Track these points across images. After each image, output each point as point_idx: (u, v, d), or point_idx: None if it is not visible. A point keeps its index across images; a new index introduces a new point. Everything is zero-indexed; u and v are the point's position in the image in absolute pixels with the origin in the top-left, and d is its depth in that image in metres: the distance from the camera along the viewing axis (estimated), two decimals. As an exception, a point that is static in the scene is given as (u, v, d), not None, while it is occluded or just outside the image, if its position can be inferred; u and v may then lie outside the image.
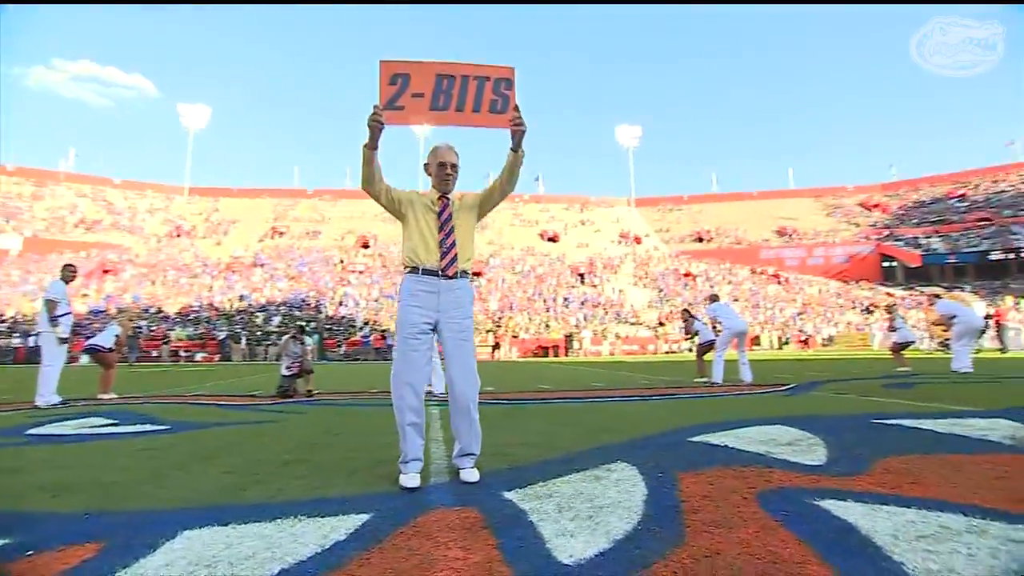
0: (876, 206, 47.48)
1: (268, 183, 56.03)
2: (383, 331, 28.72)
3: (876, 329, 23.11)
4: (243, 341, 25.15)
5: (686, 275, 39.35)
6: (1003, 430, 3.05)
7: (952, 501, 1.82)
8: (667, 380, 8.29)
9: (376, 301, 32.77)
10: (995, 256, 34.32)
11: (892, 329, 8.71)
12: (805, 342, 26.78)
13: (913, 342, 9.14)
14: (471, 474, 2.28)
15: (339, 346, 26.02)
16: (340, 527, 1.68)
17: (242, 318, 28.61)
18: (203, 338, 25.81)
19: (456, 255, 2.38)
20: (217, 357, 24.00)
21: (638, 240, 47.81)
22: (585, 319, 31.50)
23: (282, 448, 3.08)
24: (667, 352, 27.74)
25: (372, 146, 2.25)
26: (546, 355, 27.34)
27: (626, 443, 3.06)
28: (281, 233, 43.76)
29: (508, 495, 2.03)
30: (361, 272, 37.06)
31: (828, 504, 1.82)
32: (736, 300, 33.18)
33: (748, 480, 2.16)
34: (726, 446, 2.85)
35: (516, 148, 2.35)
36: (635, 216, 54.31)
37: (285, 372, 6.34)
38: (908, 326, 8.78)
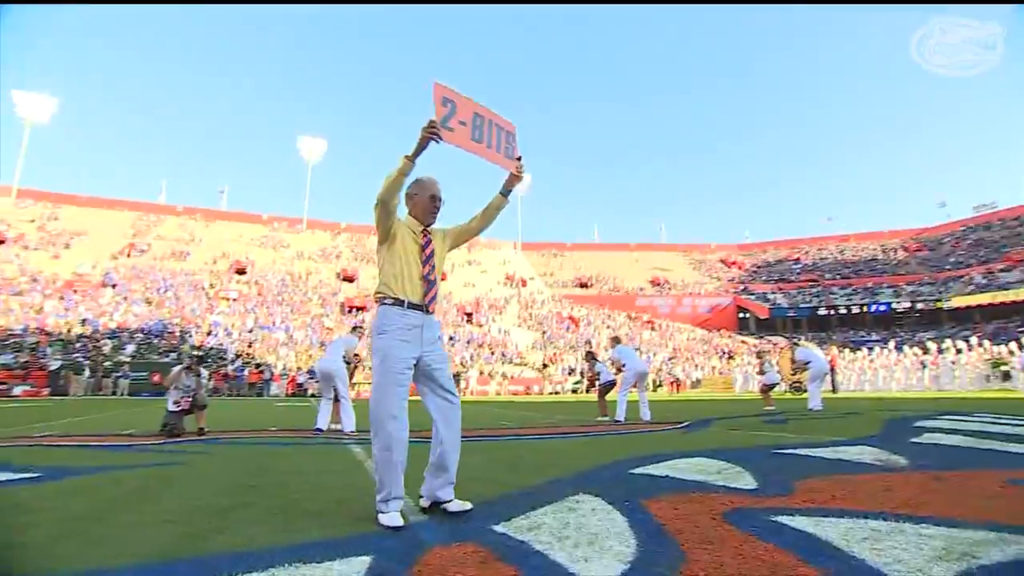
0: (734, 263, 54.53)
1: (128, 195, 49.55)
2: (259, 364, 26.32)
3: (739, 373, 26.06)
4: (86, 372, 21.42)
5: (569, 318, 41.54)
6: (870, 455, 3.69)
7: (869, 510, 2.20)
8: (568, 420, 8.61)
9: (251, 332, 30.04)
10: (822, 312, 40.99)
11: (762, 372, 10.05)
12: (676, 385, 29.36)
13: (778, 384, 10.61)
14: (460, 504, 2.27)
15: (208, 380, 23.23)
16: (349, 571, 1.58)
17: (84, 346, 24.43)
18: (26, 368, 21.50)
19: (437, 291, 2.42)
20: (46, 391, 20.08)
21: (523, 283, 49.59)
22: (471, 358, 31.69)
23: (211, 492, 2.74)
24: (552, 393, 28.74)
25: (415, 158, 2.23)
26: (430, 393, 26.83)
27: (573, 477, 3.19)
28: (141, 251, 38.64)
29: (498, 528, 2.05)
30: (234, 300, 33.87)
31: (783, 519, 2.10)
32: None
33: (704, 503, 2.40)
34: (668, 476, 3.11)
35: (506, 194, 2.49)
36: (521, 259, 56.42)
37: (172, 407, 5.60)
38: (774, 370, 10.15)
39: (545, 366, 32.91)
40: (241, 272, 38.36)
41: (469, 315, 39.21)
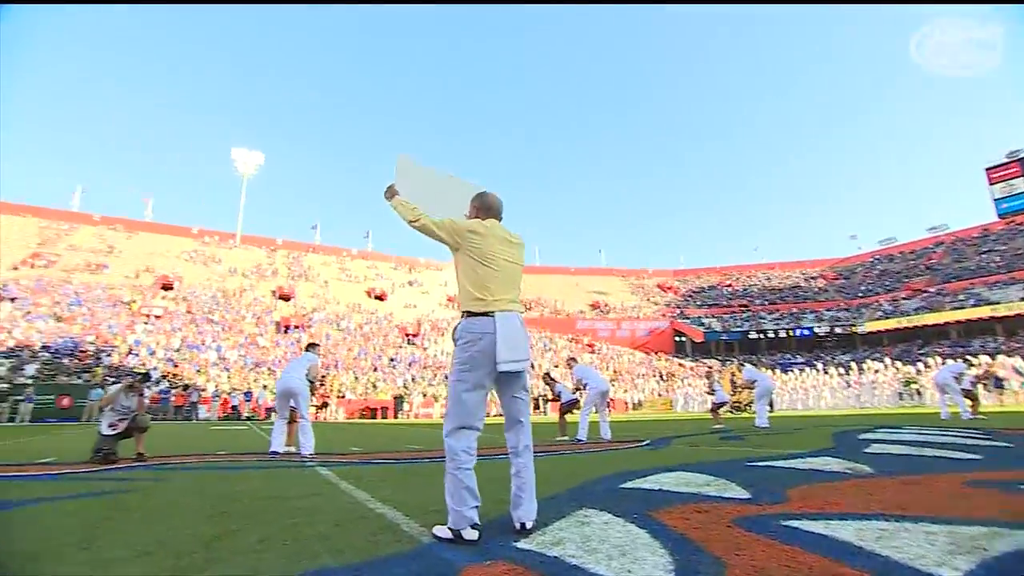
0: (670, 288, 56.98)
1: (31, 200, 44.94)
2: (184, 386, 24.41)
3: (680, 394, 27.00)
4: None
5: None
6: (837, 464, 3.91)
7: (866, 512, 2.32)
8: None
9: (177, 351, 27.92)
10: (752, 336, 43.47)
11: (711, 391, 10.47)
12: (613, 405, 30.03)
13: (727, 403, 11.07)
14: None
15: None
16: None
17: (-26, 367, 21.69)
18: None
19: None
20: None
21: None
22: (413, 380, 31.05)
23: (185, 520, 2.47)
24: (497, 415, 28.54)
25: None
26: (374, 416, 26.08)
27: (568, 493, 3.15)
28: (48, 262, 35.14)
29: (521, 545, 1.98)
30: (159, 317, 31.43)
31: (792, 523, 2.17)
32: (556, 366, 36.15)
33: (710, 513, 2.44)
34: (661, 489, 3.14)
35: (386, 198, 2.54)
36: None
37: (107, 431, 5.04)
38: (722, 390, 10.60)
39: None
40: (168, 288, 35.71)
41: (409, 336, 38.49)
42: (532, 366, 29.74)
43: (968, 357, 13.63)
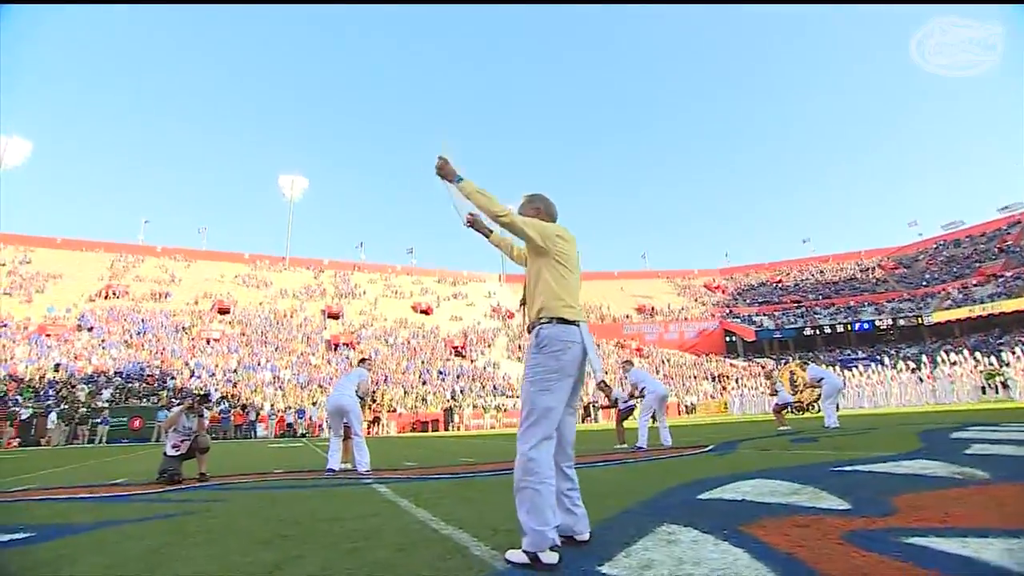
0: (717, 287, 55.19)
1: (105, 236, 48.27)
2: (243, 406, 25.34)
3: (735, 396, 25.91)
4: (57, 420, 20.27)
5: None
6: (941, 468, 3.49)
7: (1006, 527, 1.98)
8: (585, 449, 8.22)
9: (235, 372, 29.07)
10: (807, 332, 41.42)
11: (773, 392, 9.88)
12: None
13: (791, 403, 10.43)
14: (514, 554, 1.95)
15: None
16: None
17: (57, 392, 23.25)
18: (-5, 419, 20.28)
19: (531, 306, 2.27)
20: (16, 442, 18.89)
21: (510, 315, 49.33)
22: (462, 392, 31.10)
23: (245, 545, 2.40)
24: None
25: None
26: (425, 430, 26.24)
27: (641, 506, 2.91)
28: (119, 294, 37.50)
29: (605, 570, 1.77)
30: (217, 340, 32.88)
31: (920, 541, 1.87)
32: (607, 373, 35.46)
33: (812, 527, 2.16)
34: (745, 500, 2.86)
35: (455, 184, 2.30)
36: (506, 292, 56.37)
37: (171, 451, 5.16)
38: (784, 390, 9.99)
39: (538, 397, 32.38)
40: (224, 312, 37.40)
41: (456, 349, 38.70)
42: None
43: None
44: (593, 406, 30.06)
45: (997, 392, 17.48)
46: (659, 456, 6.05)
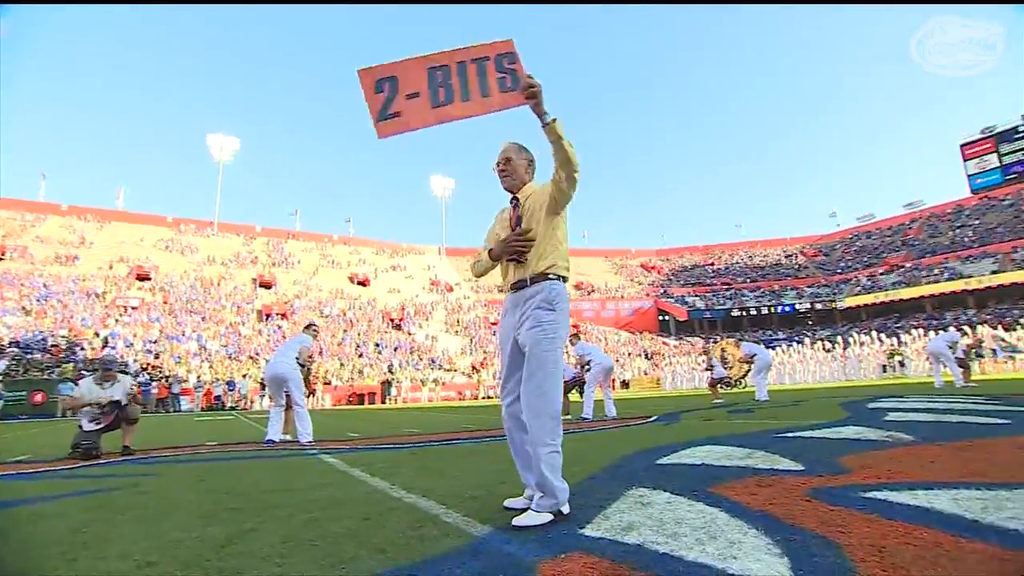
0: (653, 268, 57.21)
1: (-2, 191, 42.79)
2: (167, 378, 23.72)
3: (668, 372, 27.18)
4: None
5: (495, 323, 41.53)
6: (871, 433, 3.75)
7: (945, 480, 2.12)
8: None
9: (155, 343, 27.07)
10: (735, 313, 44.00)
11: (709, 368, 10.40)
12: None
13: (726, 378, 11.02)
14: (527, 518, 1.88)
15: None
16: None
17: (-60, 365, 20.68)
18: None
19: (528, 260, 2.08)
20: None
21: (449, 288, 49.06)
22: (400, 365, 30.75)
23: (187, 521, 2.17)
24: (485, 398, 28.46)
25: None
26: (362, 402, 25.81)
27: (605, 472, 2.91)
28: (14, 256, 33.60)
29: (588, 532, 1.73)
30: (135, 308, 30.40)
31: (878, 495, 1.96)
32: None
33: (776, 487, 2.23)
34: (704, 464, 2.94)
35: (544, 121, 1.92)
36: (446, 265, 55.87)
37: (88, 425, 4.66)
38: (720, 366, 10.52)
39: (476, 370, 32.61)
40: (143, 278, 34.52)
41: (395, 322, 38.05)
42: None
43: (965, 327, 13.85)
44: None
45: (895, 370, 19.44)
46: (607, 427, 6.18)
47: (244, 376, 24.76)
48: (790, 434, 4.06)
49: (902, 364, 18.91)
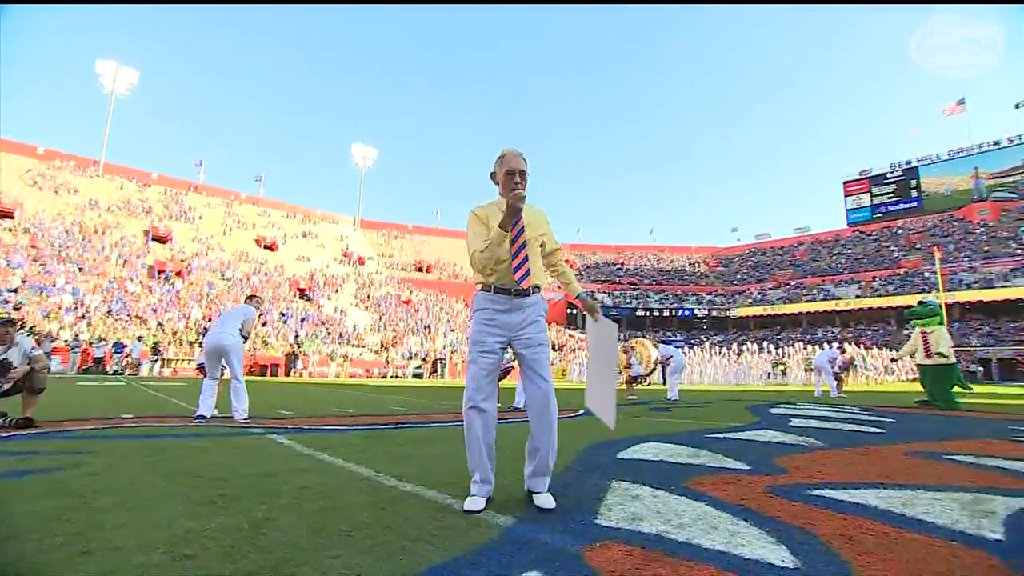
0: (566, 262, 59.11)
1: None
2: (32, 332, 20.81)
3: (575, 365, 28.49)
4: None
5: (406, 302, 41.14)
6: (788, 438, 4.33)
7: (865, 481, 2.58)
8: (453, 406, 8.21)
9: (15, 292, 23.61)
10: (640, 313, 46.94)
11: (628, 365, 11.14)
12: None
13: (641, 376, 11.85)
14: (547, 500, 2.13)
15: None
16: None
17: None
18: None
19: (526, 272, 2.22)
20: None
21: (361, 261, 47.76)
22: (307, 337, 29.53)
23: (182, 508, 2.08)
24: (394, 377, 28.17)
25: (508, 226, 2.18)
26: (264, 374, 24.53)
27: (578, 465, 3.08)
28: None
29: (600, 522, 1.93)
30: (-8, 250, 26.27)
31: (822, 493, 2.36)
32: (453, 331, 36.49)
33: (740, 484, 2.56)
34: (663, 460, 3.26)
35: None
36: (360, 237, 54.22)
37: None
38: (639, 364, 11.32)
39: (385, 348, 32.09)
40: (6, 216, 29.81)
41: (303, 291, 36.30)
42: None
43: (844, 345, 16.13)
44: (440, 362, 30.64)
45: (777, 377, 22.02)
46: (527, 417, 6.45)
47: (139, 339, 22.42)
48: (719, 435, 4.56)
49: (784, 373, 21.51)
